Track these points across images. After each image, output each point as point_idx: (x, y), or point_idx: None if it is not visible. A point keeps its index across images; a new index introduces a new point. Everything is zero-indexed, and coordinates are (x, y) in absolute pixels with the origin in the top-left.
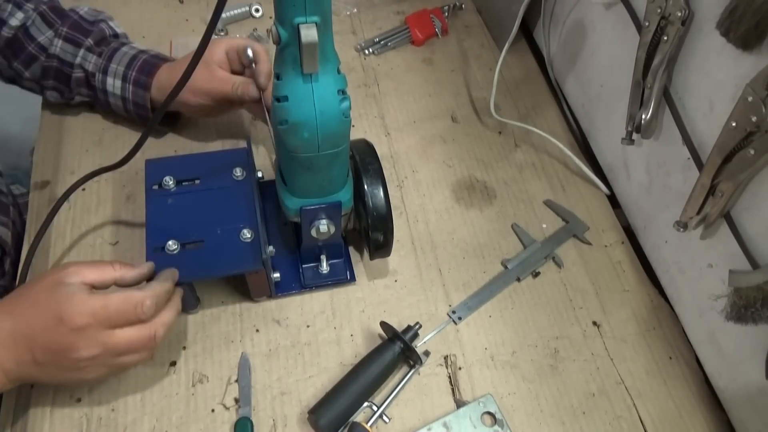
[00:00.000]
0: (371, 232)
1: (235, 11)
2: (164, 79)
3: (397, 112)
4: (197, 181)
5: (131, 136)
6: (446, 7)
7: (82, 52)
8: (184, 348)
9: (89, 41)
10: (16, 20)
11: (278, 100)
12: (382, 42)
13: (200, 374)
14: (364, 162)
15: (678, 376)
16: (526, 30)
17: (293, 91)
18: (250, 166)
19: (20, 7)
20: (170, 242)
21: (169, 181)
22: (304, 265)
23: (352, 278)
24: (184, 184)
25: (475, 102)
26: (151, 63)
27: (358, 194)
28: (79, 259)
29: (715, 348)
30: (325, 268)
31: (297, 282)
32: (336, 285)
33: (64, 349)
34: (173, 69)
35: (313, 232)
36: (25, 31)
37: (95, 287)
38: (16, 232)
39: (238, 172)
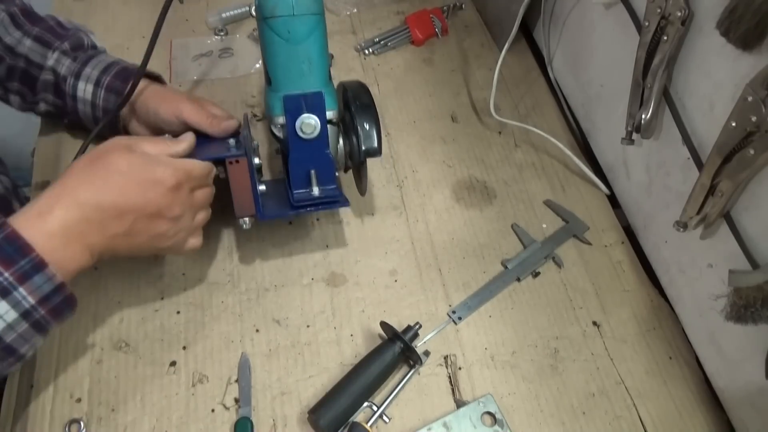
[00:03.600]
0: (360, 139)
1: (235, 11)
2: (147, 91)
3: (397, 112)
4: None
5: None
6: (446, 7)
7: (55, 54)
8: (184, 348)
9: (65, 45)
10: None
11: None
12: (382, 42)
13: (200, 374)
14: (356, 95)
15: (678, 376)
16: (526, 30)
17: None
18: (246, 128)
19: None
20: None
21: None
22: (294, 190)
23: (346, 202)
24: None
25: (475, 102)
26: (129, 71)
27: (351, 128)
28: None
29: (715, 348)
30: (316, 190)
31: (285, 206)
32: (328, 206)
33: (160, 209)
34: (154, 85)
35: (299, 130)
36: None
37: None
38: None
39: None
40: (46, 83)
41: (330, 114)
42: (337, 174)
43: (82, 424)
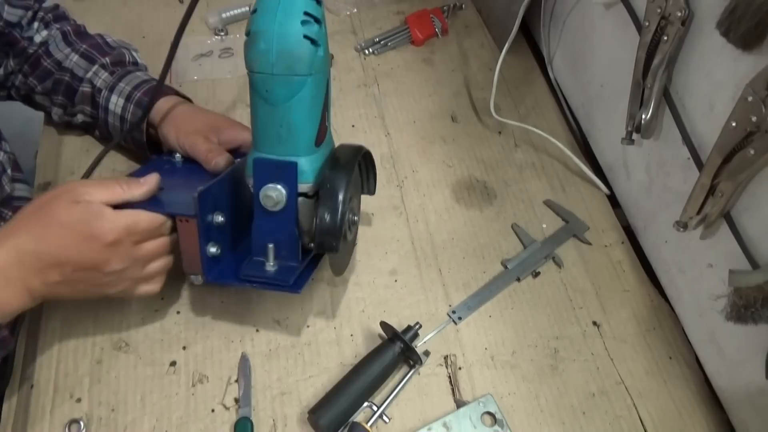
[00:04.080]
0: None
1: (235, 11)
2: (166, 108)
3: (397, 112)
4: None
5: None
6: (446, 7)
7: (95, 68)
8: (184, 348)
9: (105, 60)
10: (39, 37)
11: (253, 13)
12: (382, 42)
13: (200, 374)
14: (331, 174)
15: (678, 376)
16: (526, 30)
17: (262, 2)
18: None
19: (47, 26)
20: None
21: (177, 156)
22: (254, 257)
23: (296, 287)
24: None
25: (475, 102)
26: (160, 89)
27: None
28: None
29: (715, 348)
30: (271, 265)
31: (236, 273)
32: (275, 288)
33: (96, 264)
34: (180, 103)
35: (263, 198)
36: (46, 48)
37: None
38: None
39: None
40: (84, 95)
41: (305, 187)
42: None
43: (82, 424)
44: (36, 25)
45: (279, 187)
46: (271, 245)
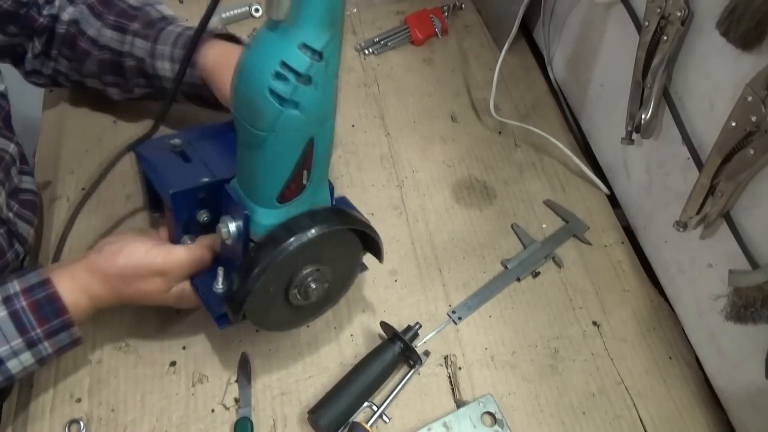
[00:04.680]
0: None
1: (235, 11)
2: (213, 58)
3: (397, 112)
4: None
5: (131, 137)
6: (446, 7)
7: (129, 38)
8: (184, 348)
9: (135, 25)
10: (67, 15)
11: None
12: (382, 42)
13: (200, 374)
14: (288, 231)
15: (678, 376)
16: (526, 30)
17: (257, 33)
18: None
19: (72, 2)
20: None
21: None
22: (215, 271)
23: (221, 322)
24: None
25: (475, 102)
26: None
27: None
28: None
29: (715, 348)
30: (219, 288)
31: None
32: (207, 310)
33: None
34: (226, 48)
35: (217, 228)
36: (77, 26)
37: None
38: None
39: None
40: (131, 69)
41: (256, 237)
42: None
43: (82, 424)
44: (58, 2)
45: (232, 226)
46: (221, 269)
